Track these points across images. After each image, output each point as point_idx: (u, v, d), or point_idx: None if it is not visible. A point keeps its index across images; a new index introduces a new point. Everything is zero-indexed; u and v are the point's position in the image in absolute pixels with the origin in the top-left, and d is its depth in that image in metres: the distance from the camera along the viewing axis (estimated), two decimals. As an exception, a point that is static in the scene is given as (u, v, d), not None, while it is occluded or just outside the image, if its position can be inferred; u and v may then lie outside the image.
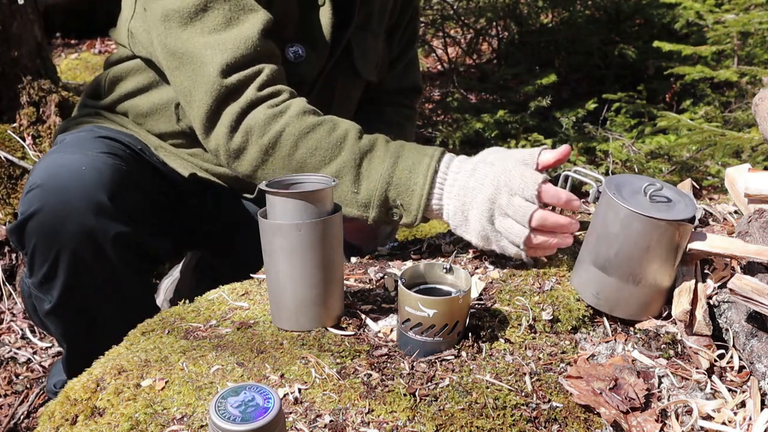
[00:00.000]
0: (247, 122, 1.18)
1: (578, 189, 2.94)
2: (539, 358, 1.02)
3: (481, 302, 1.13)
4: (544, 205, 1.12)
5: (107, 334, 1.35)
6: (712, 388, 1.01)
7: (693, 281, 1.10)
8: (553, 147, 3.45)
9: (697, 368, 1.03)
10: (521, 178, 1.10)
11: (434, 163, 1.15)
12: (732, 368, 1.04)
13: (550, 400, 0.95)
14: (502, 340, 1.05)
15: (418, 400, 0.92)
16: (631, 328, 1.10)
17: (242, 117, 1.18)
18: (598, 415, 0.93)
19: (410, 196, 1.16)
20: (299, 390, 0.94)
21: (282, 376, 0.97)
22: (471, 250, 1.32)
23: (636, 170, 3.21)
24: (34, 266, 1.24)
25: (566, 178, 1.19)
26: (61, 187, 1.18)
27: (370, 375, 0.97)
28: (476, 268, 1.25)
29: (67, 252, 1.20)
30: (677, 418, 0.94)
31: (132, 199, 1.25)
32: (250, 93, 1.18)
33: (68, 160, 1.22)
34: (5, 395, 1.87)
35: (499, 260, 1.28)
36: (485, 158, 1.16)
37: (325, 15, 1.38)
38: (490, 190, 1.11)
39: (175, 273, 2.02)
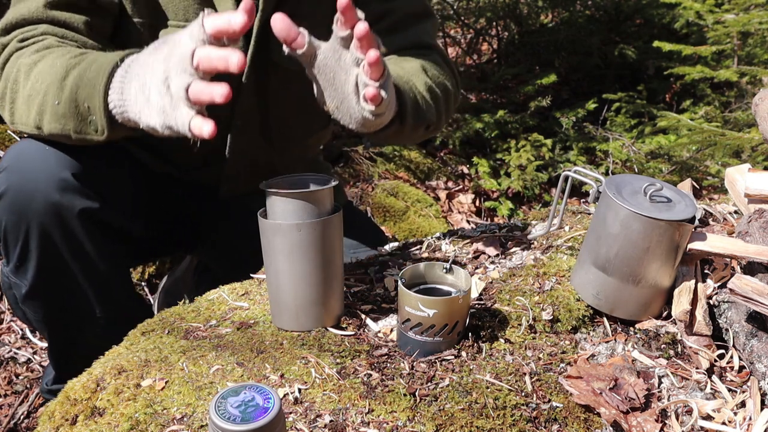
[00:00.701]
0: (5, 72, 1.20)
1: (578, 189, 2.94)
2: (539, 358, 1.02)
3: (481, 302, 1.13)
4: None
5: (85, 317, 1.35)
6: (712, 388, 1.01)
7: (693, 281, 1.10)
8: (553, 147, 3.47)
9: (697, 368, 1.03)
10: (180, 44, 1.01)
11: (116, 60, 1.08)
12: (732, 368, 1.04)
13: (550, 400, 0.95)
14: (502, 340, 1.05)
15: (418, 400, 0.92)
16: (631, 328, 1.10)
17: (2, 68, 1.21)
18: (598, 415, 0.93)
19: (93, 93, 1.08)
20: (299, 390, 0.94)
21: (282, 376, 0.97)
22: (471, 250, 1.32)
23: (636, 170, 3.21)
24: (8, 250, 1.26)
25: (566, 178, 1.19)
26: (26, 168, 1.20)
27: (370, 375, 0.97)
28: (476, 268, 1.25)
29: (36, 230, 1.21)
30: (677, 418, 0.94)
31: (100, 177, 1.25)
32: (13, 45, 1.20)
33: (33, 143, 1.24)
34: (5, 395, 1.87)
35: (499, 260, 1.28)
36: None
37: (227, 4, 1.30)
38: (162, 58, 1.01)
39: (176, 273, 2.02)
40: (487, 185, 3.33)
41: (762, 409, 0.94)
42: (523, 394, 0.95)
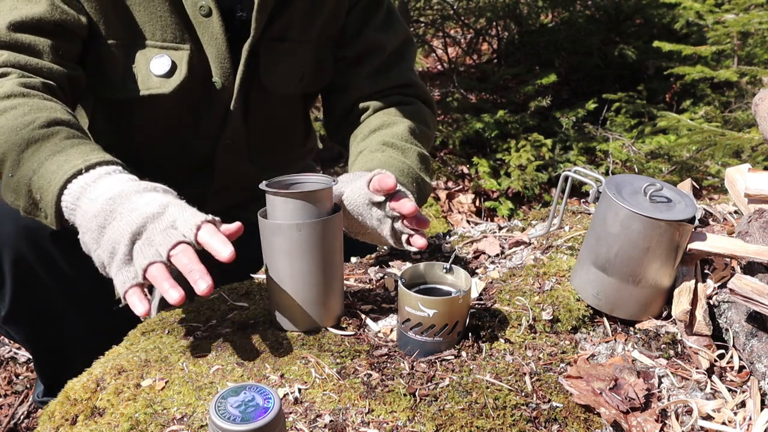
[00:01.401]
0: None
1: (578, 189, 2.94)
2: (539, 358, 1.02)
3: (481, 302, 1.13)
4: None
5: (68, 334, 1.34)
6: (712, 388, 1.01)
7: (693, 281, 1.10)
8: (553, 147, 3.47)
9: (697, 368, 1.03)
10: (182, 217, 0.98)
11: (82, 164, 1.02)
12: (732, 368, 1.04)
13: (550, 400, 0.95)
14: (502, 340, 1.05)
15: (418, 400, 0.92)
16: (631, 328, 1.10)
17: None
18: (598, 415, 0.93)
19: (48, 187, 1.03)
20: (299, 390, 0.94)
21: (282, 376, 0.97)
22: (471, 250, 1.32)
23: (636, 170, 3.21)
24: None
25: (566, 178, 1.19)
26: None
27: (370, 375, 0.97)
28: (476, 268, 1.25)
29: (8, 255, 1.19)
30: (677, 418, 0.94)
31: None
32: None
33: None
34: (5, 395, 1.87)
35: (499, 260, 1.28)
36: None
37: (215, 26, 1.29)
38: (137, 222, 0.97)
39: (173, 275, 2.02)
40: (487, 185, 3.33)
41: (762, 409, 0.94)
42: (523, 394, 0.95)
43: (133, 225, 0.95)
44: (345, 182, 1.19)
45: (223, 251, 0.92)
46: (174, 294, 0.90)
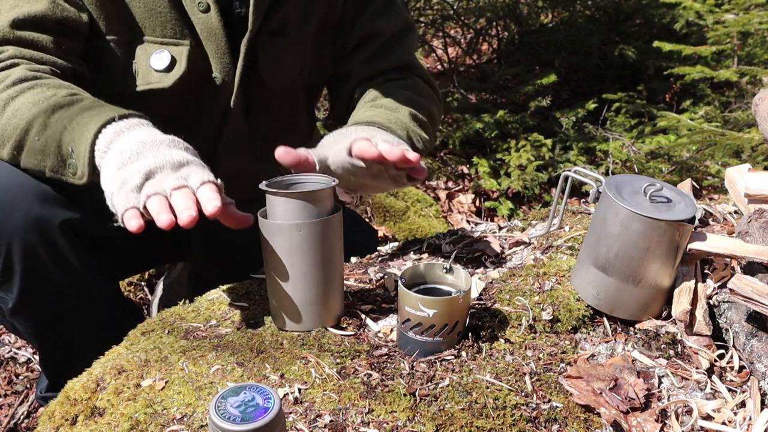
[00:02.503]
0: None
1: (578, 189, 2.94)
2: (539, 358, 1.02)
3: (481, 302, 1.13)
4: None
5: (74, 327, 1.34)
6: (712, 388, 1.01)
7: (693, 281, 1.10)
8: (553, 147, 3.47)
9: (697, 368, 1.03)
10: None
11: (114, 114, 1.08)
12: (732, 368, 1.04)
13: (550, 400, 0.95)
14: (502, 340, 1.05)
15: (418, 400, 0.92)
16: (631, 328, 1.10)
17: None
18: (598, 415, 0.93)
19: (81, 138, 1.07)
20: (299, 390, 0.94)
21: (282, 376, 0.97)
22: (471, 250, 1.32)
23: (636, 170, 3.21)
24: None
25: (566, 178, 1.19)
26: (5, 181, 1.18)
27: (370, 375, 0.97)
28: (476, 268, 1.25)
29: (18, 244, 1.20)
30: (677, 418, 0.94)
31: (79, 187, 1.24)
32: None
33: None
34: (5, 395, 1.87)
35: (499, 260, 1.28)
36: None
37: (213, 21, 1.30)
38: (154, 164, 1.01)
39: (172, 275, 2.02)
40: (487, 185, 3.33)
41: (762, 409, 0.94)
42: (523, 394, 0.95)
43: (151, 165, 1.00)
44: (326, 145, 1.18)
45: (209, 204, 0.95)
46: (164, 218, 0.95)
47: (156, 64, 1.29)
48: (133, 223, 0.97)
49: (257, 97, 1.43)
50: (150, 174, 0.99)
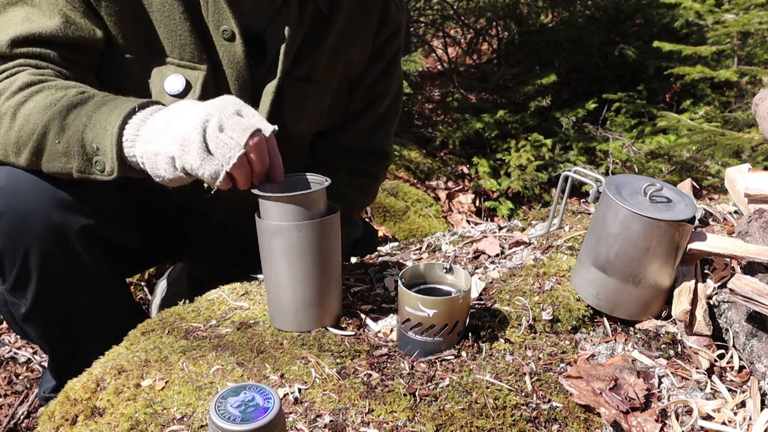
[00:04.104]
0: None
1: (578, 189, 2.94)
2: (539, 358, 1.02)
3: (481, 302, 1.13)
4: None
5: (86, 333, 1.34)
6: (712, 388, 1.01)
7: (693, 281, 1.10)
8: (553, 147, 3.47)
9: (697, 368, 1.03)
10: (239, 113, 1.04)
11: (134, 104, 1.07)
12: (732, 368, 1.04)
13: (550, 400, 0.95)
14: (502, 340, 1.05)
15: (418, 400, 0.92)
16: (631, 328, 1.10)
17: None
18: (598, 415, 0.93)
19: (104, 133, 1.06)
20: (299, 390, 0.94)
21: (282, 376, 0.97)
22: (471, 250, 1.32)
23: (636, 170, 3.21)
24: (4, 272, 1.23)
25: (566, 178, 1.19)
26: (21, 188, 1.17)
27: (370, 375, 0.97)
28: (476, 268, 1.25)
29: (35, 250, 1.20)
30: (677, 418, 0.94)
31: (95, 193, 1.24)
32: None
33: None
34: (5, 395, 1.87)
35: (499, 260, 1.28)
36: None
37: (237, 50, 1.29)
38: (203, 111, 1.02)
39: (172, 275, 2.02)
40: (487, 185, 3.33)
41: (762, 409, 0.94)
42: (523, 394, 0.95)
43: (199, 113, 1.00)
44: None
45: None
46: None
47: (170, 87, 1.28)
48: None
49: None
50: (204, 123, 1.00)
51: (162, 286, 2.03)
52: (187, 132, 0.99)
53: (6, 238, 1.18)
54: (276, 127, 1.02)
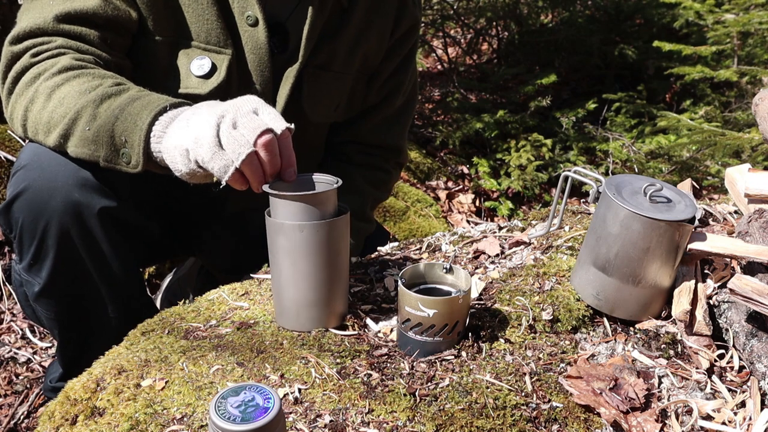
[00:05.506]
0: (18, 87, 1.22)
1: (578, 189, 2.94)
2: (539, 358, 1.02)
3: (481, 302, 1.13)
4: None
5: (97, 316, 1.35)
6: (712, 388, 1.01)
7: (693, 281, 1.10)
8: (553, 147, 3.47)
9: (697, 368, 1.03)
10: (254, 112, 1.06)
11: (166, 103, 1.11)
12: (732, 368, 1.04)
13: (550, 400, 0.95)
14: (502, 340, 1.05)
15: (418, 400, 0.92)
16: (631, 328, 1.10)
17: (16, 81, 1.23)
18: (598, 415, 0.93)
19: (134, 128, 1.10)
20: (299, 390, 0.94)
21: (282, 376, 0.97)
22: (471, 250, 1.32)
23: (636, 170, 3.21)
24: (23, 248, 1.26)
25: (566, 178, 1.19)
26: (46, 165, 1.20)
27: (370, 375, 0.97)
28: (476, 268, 1.25)
29: (54, 228, 1.22)
30: (677, 418, 0.94)
31: (119, 177, 1.26)
32: (26, 59, 1.21)
33: None
34: (5, 395, 1.87)
35: (499, 260, 1.28)
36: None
37: (260, 35, 1.33)
38: (221, 108, 1.05)
39: (180, 273, 2.02)
40: (487, 185, 3.33)
41: (762, 409, 0.94)
42: (523, 394, 0.95)
43: (217, 109, 1.03)
44: None
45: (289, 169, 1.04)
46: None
47: (196, 69, 1.32)
48: (240, 184, 1.02)
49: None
50: (219, 119, 1.02)
51: (168, 281, 2.03)
52: (202, 127, 1.02)
53: (28, 213, 1.21)
54: (292, 126, 1.04)
